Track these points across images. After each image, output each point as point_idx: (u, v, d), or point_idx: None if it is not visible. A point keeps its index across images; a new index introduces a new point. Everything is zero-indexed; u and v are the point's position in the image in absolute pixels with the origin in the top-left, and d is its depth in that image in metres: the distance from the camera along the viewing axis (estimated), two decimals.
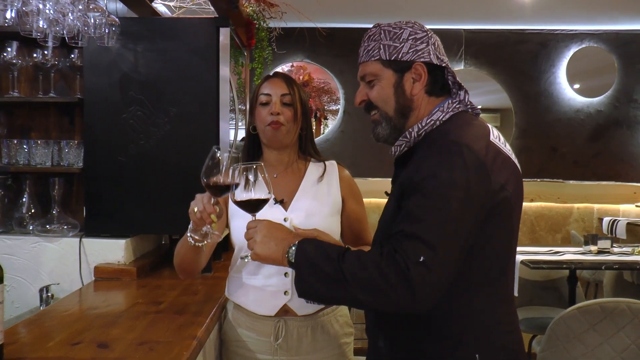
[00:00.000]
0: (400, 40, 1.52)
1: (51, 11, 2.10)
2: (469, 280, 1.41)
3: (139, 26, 2.67)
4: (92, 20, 2.25)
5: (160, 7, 3.22)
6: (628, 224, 5.34)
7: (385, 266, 1.29)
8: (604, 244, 3.96)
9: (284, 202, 2.03)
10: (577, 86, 6.18)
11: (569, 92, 6.20)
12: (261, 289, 2.00)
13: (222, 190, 1.64)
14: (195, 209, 1.68)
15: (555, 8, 5.47)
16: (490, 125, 1.52)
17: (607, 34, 6.09)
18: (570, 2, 5.25)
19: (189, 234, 1.77)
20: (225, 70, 2.71)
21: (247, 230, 1.58)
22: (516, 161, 1.51)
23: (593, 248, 3.94)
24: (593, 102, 6.18)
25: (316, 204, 2.05)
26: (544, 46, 6.20)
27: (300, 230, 1.78)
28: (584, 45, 6.12)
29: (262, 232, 1.53)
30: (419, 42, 1.51)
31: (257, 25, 3.45)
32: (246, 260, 1.63)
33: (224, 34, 2.68)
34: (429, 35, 1.54)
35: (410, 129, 1.52)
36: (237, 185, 1.62)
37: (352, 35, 5.83)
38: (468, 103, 1.55)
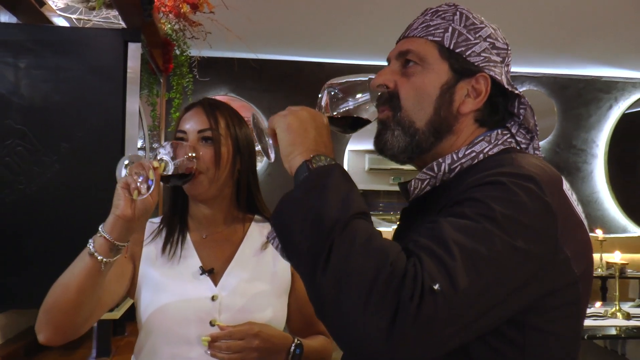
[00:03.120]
0: (477, 35, 1.12)
1: None
2: None
3: (22, 34, 2.08)
4: None
5: (58, 20, 2.60)
6: None
7: (390, 271, 0.84)
8: None
9: (213, 273, 1.49)
10: None
11: None
12: None
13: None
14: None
15: None
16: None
17: (547, 77, 5.96)
18: (510, 43, 5.03)
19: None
20: (134, 98, 2.15)
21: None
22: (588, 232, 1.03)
23: None
24: None
25: (257, 280, 1.56)
26: None
27: (229, 328, 1.42)
28: (524, 88, 5.96)
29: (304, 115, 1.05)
30: (495, 51, 1.13)
31: (176, 47, 2.88)
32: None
33: (135, 51, 2.12)
34: (508, 52, 1.15)
35: (440, 160, 1.08)
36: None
37: (283, 68, 5.38)
38: (529, 143, 1.14)
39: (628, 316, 3.29)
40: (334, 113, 1.10)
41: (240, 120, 1.59)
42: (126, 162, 1.29)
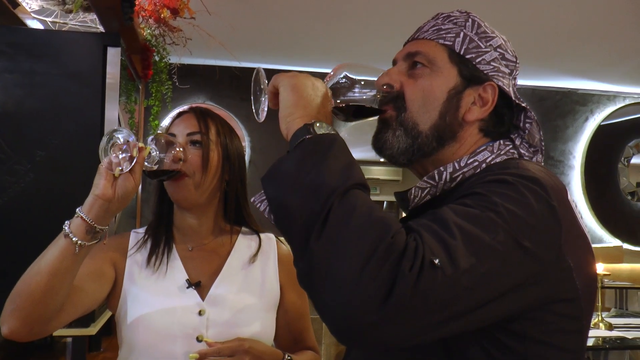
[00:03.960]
0: (488, 44, 1.09)
1: None
2: None
3: None
4: None
5: (32, 23, 2.51)
6: None
7: (390, 242, 0.80)
8: None
9: (200, 287, 1.42)
10: None
11: None
12: None
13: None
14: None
15: None
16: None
17: (524, 89, 5.99)
18: None
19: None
20: (113, 104, 2.06)
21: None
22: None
23: None
24: None
25: (245, 293, 1.49)
26: None
27: (217, 345, 1.35)
28: None
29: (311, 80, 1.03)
30: (504, 62, 1.10)
31: (155, 53, 2.81)
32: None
33: (114, 56, 2.04)
34: (517, 65, 1.12)
35: (441, 169, 1.04)
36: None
37: None
38: (532, 157, 1.10)
39: (610, 327, 3.28)
40: (337, 101, 1.05)
41: (231, 130, 1.53)
42: (111, 142, 1.21)
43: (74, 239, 1.15)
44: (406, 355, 0.96)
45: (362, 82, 1.07)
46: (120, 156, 1.17)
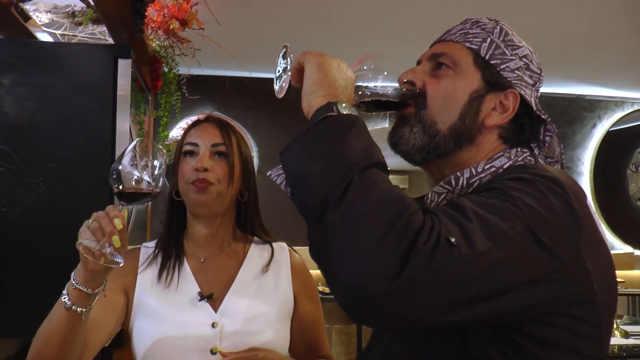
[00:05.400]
0: (514, 52, 1.10)
1: None
2: None
3: (4, 50, 1.98)
4: None
5: (42, 36, 2.51)
6: None
7: (409, 218, 0.81)
8: None
9: (212, 299, 1.41)
10: None
11: None
12: None
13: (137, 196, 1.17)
14: (90, 220, 1.15)
15: None
16: None
17: None
18: None
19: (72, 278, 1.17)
20: (124, 115, 2.06)
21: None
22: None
23: None
24: None
25: (259, 304, 1.49)
26: None
27: (232, 355, 1.36)
28: None
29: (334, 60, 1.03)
30: (528, 73, 1.10)
31: (164, 64, 2.81)
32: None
33: (125, 68, 2.04)
34: (541, 78, 1.13)
35: (458, 174, 1.04)
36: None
37: (268, 86, 5.32)
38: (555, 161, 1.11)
39: (626, 334, 3.24)
40: (359, 92, 1.06)
41: (245, 141, 1.55)
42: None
43: (77, 309, 1.16)
44: (424, 356, 0.96)
45: (386, 74, 1.06)
46: (103, 247, 1.12)
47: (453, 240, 0.79)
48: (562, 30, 3.98)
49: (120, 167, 1.17)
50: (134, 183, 1.17)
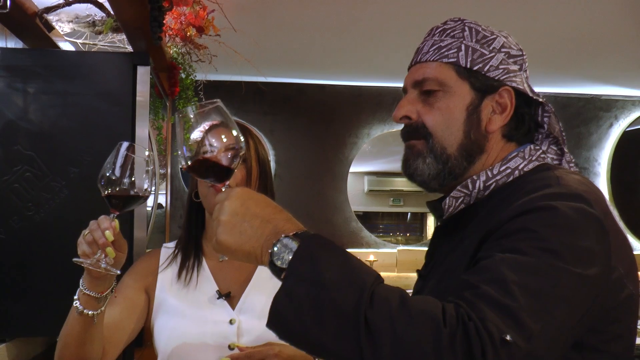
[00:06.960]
0: (491, 48, 1.08)
1: None
2: None
3: (29, 60, 2.05)
4: None
5: (64, 45, 2.59)
6: None
7: (448, 332, 0.76)
8: None
9: (230, 297, 1.46)
10: None
11: None
12: None
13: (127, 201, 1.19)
14: (86, 231, 1.21)
15: None
16: None
17: (547, 96, 5.95)
18: None
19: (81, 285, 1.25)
20: (143, 122, 2.13)
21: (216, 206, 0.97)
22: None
23: None
24: None
25: None
26: None
27: (249, 349, 1.39)
28: None
29: (232, 206, 0.92)
30: (512, 60, 1.09)
31: (181, 71, 2.88)
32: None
33: (144, 75, 2.10)
34: (524, 57, 1.11)
35: (474, 177, 1.05)
36: None
37: (285, 90, 5.38)
38: (562, 158, 1.12)
39: None
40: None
41: (263, 145, 1.59)
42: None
43: (89, 313, 1.23)
44: None
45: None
46: (97, 256, 1.20)
47: (508, 338, 0.76)
48: (577, 30, 3.98)
49: (108, 174, 1.21)
50: (123, 187, 1.22)
